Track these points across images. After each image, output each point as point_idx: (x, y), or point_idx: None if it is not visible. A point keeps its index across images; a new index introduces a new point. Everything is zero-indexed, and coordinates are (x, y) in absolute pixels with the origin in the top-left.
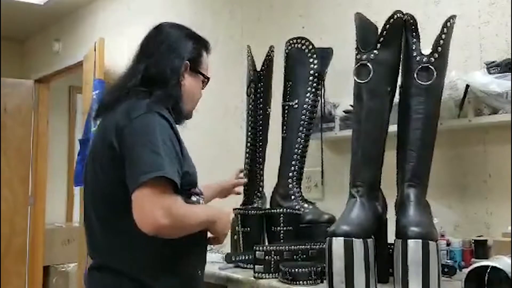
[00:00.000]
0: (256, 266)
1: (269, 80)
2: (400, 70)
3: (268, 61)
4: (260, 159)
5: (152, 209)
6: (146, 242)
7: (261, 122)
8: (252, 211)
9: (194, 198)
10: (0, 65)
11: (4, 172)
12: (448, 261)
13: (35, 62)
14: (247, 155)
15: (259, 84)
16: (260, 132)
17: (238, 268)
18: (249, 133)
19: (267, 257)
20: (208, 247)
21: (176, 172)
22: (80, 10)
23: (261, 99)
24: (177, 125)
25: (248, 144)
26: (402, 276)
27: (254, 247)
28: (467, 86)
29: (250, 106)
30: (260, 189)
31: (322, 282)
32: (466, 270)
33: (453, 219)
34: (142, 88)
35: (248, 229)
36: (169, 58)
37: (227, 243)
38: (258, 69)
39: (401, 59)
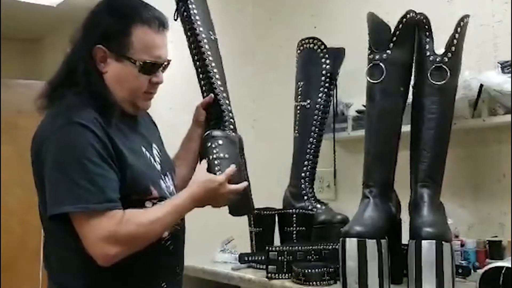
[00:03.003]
0: (269, 267)
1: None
2: (413, 70)
3: None
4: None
5: (95, 241)
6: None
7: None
8: (265, 212)
9: (148, 205)
10: (1, 65)
11: (17, 171)
12: (462, 262)
13: (49, 63)
14: (203, 81)
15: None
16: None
17: (250, 269)
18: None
19: (280, 257)
20: (221, 247)
21: (106, 188)
22: None
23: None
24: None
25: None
26: (416, 277)
27: (267, 248)
28: (481, 85)
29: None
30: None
31: (335, 282)
32: (480, 271)
33: (467, 219)
34: (65, 87)
35: (261, 229)
36: (80, 45)
37: (238, 245)
38: None
39: (414, 59)
